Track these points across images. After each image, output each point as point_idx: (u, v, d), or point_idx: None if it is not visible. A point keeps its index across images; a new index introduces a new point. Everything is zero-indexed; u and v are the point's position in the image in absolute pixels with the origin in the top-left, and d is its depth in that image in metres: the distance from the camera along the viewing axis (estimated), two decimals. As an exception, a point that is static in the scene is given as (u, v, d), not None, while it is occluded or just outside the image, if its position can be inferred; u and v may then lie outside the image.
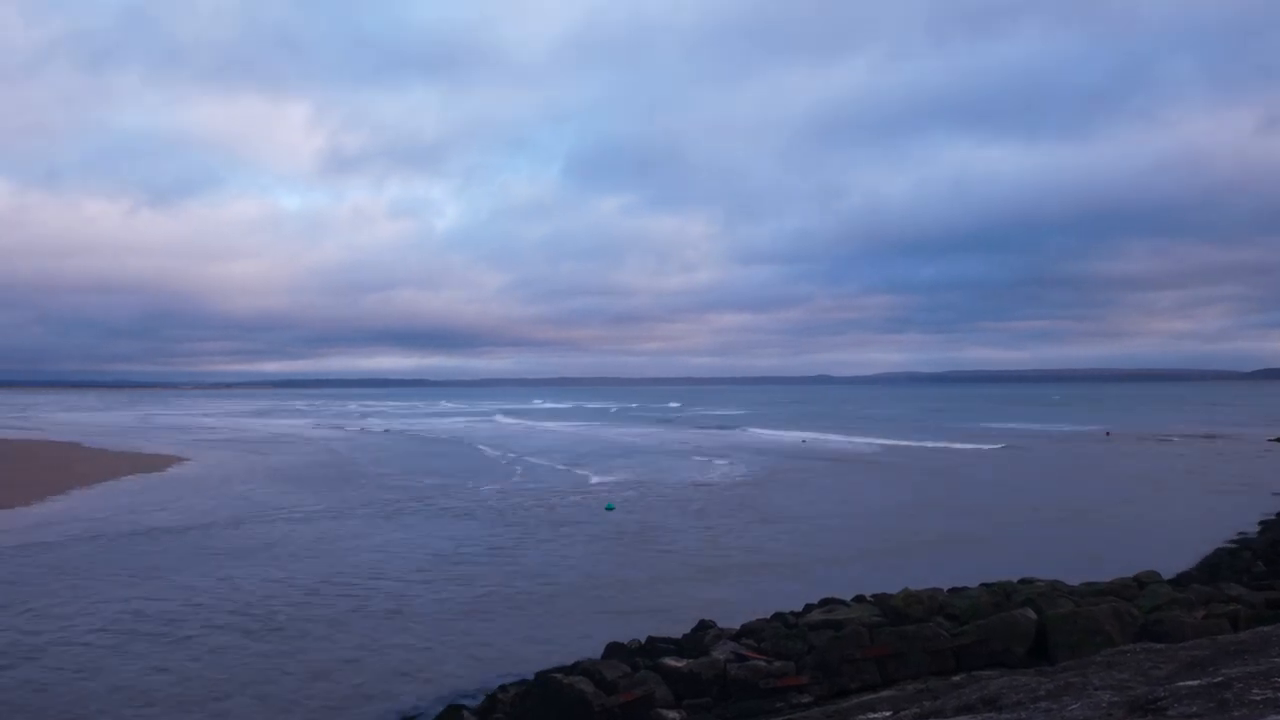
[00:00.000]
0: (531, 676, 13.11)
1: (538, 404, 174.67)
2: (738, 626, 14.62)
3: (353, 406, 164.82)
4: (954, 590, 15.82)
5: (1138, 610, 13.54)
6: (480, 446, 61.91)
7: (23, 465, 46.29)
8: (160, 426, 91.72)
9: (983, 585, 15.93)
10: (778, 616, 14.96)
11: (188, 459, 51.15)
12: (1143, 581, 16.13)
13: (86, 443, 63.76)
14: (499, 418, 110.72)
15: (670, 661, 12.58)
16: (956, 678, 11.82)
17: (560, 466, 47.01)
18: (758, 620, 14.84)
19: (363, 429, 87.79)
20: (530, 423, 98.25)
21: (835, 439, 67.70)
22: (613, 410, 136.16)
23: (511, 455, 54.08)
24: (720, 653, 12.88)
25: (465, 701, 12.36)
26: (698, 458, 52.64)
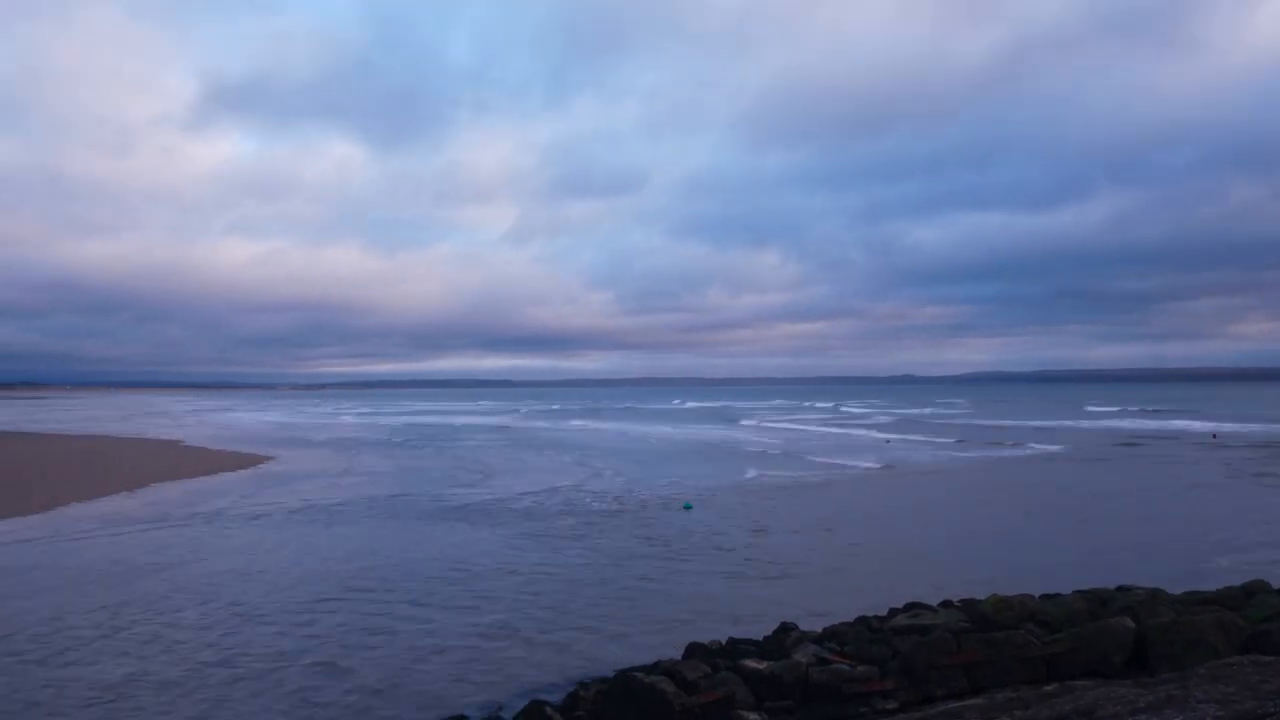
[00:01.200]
0: (612, 674, 13.23)
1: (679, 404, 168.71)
2: (820, 630, 14.45)
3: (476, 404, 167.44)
4: (1046, 597, 15.31)
5: (1244, 621, 12.86)
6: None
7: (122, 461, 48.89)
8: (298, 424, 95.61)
9: (1077, 592, 15.37)
10: (861, 620, 14.73)
11: (276, 457, 53.14)
12: (1250, 591, 15.30)
13: (188, 441, 66.83)
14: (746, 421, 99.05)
15: (751, 663, 12.51)
16: (1049, 687, 11.44)
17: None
18: (840, 624, 14.64)
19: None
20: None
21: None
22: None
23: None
24: (802, 655, 12.74)
25: (548, 697, 12.52)
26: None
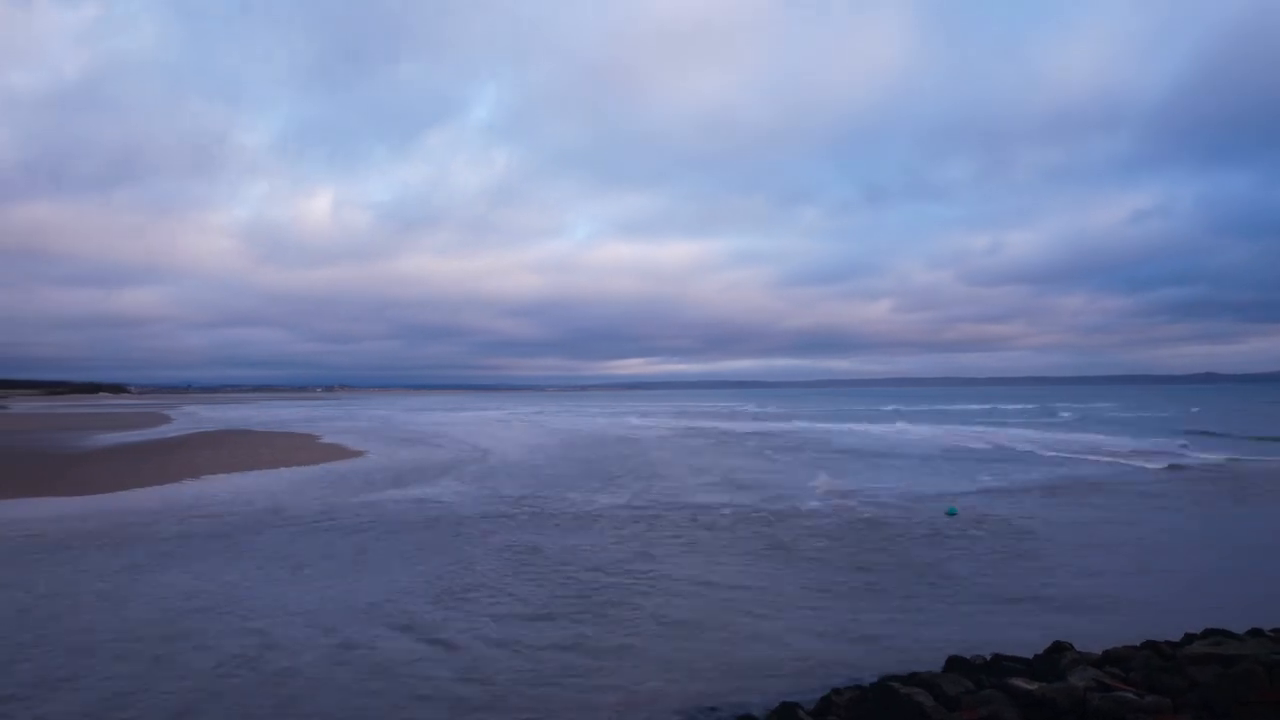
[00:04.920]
0: (866, 682, 12.94)
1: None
2: (1099, 652, 13.27)
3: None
4: (1390, 632, 13.05)
5: None
6: None
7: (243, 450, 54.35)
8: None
9: None
10: (1149, 645, 13.33)
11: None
12: None
13: (325, 438, 72.47)
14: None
15: (1019, 682, 11.72)
16: (1393, 739, 9.78)
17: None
18: (1124, 647, 13.34)
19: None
20: None
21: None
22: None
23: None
24: (1079, 679, 11.76)
25: (800, 700, 12.47)
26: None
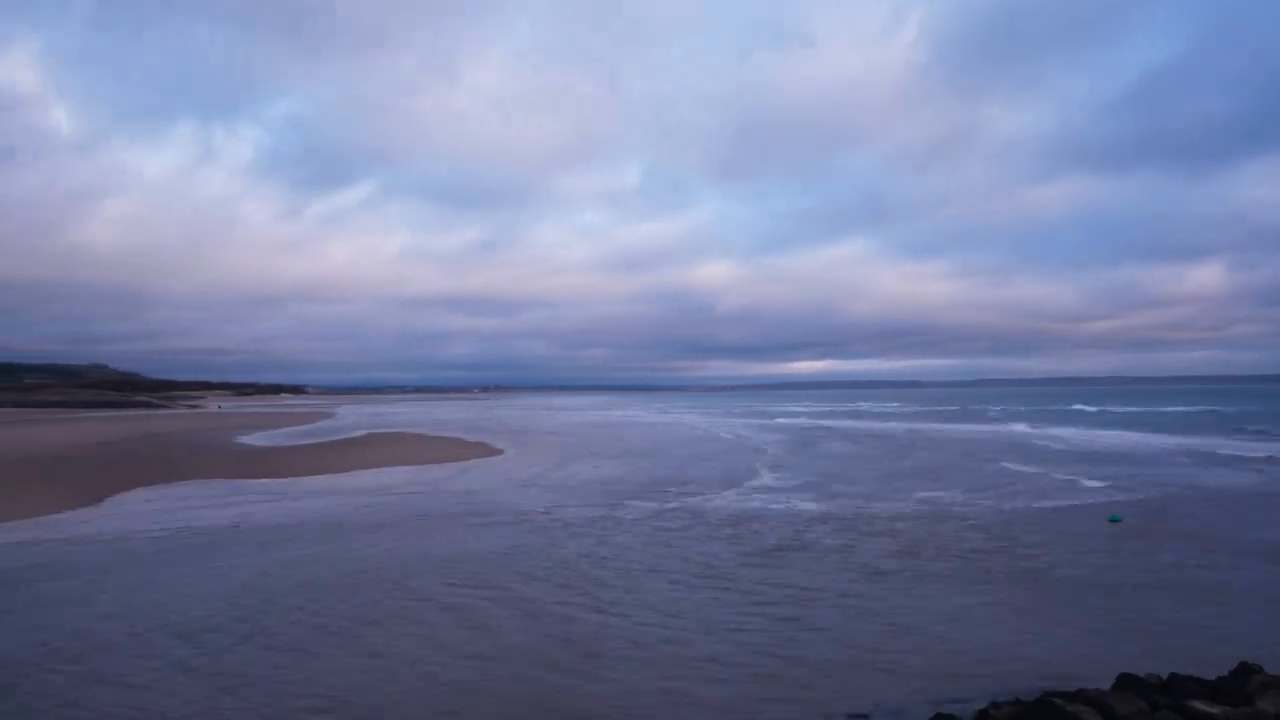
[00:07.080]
0: (1027, 697, 12.40)
1: None
2: (1294, 676, 12.17)
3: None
4: None
5: None
6: None
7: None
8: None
9: None
10: (1353, 671, 12.14)
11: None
12: None
13: (468, 438, 74.27)
14: None
15: (1200, 705, 10.95)
16: None
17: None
18: (1324, 672, 12.20)
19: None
20: None
21: None
22: None
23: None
24: (1269, 704, 10.88)
25: (955, 711, 12.09)
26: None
